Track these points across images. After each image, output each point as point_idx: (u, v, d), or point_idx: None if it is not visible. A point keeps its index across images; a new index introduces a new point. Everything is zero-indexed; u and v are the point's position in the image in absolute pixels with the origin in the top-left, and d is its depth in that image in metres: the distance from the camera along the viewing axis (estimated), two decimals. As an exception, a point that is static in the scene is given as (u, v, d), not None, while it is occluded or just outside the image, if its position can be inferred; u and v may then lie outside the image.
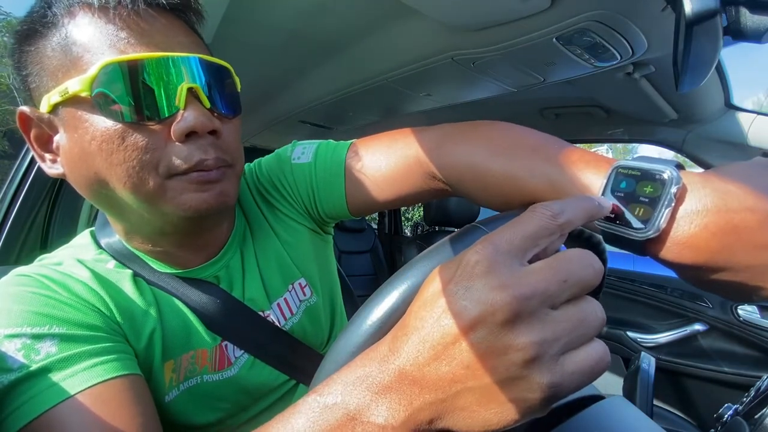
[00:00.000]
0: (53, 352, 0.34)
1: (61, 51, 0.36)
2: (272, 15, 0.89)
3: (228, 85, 0.42)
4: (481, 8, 0.77)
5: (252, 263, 0.51)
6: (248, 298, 0.50)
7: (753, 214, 0.23)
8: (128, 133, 0.35)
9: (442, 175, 0.42)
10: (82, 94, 0.34)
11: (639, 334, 1.54)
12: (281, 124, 1.82)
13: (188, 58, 0.37)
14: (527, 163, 0.34)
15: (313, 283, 0.55)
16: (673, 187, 0.25)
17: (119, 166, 0.35)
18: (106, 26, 0.35)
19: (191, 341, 0.45)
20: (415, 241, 2.25)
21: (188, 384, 0.45)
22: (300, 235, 0.54)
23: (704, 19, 0.37)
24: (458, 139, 0.41)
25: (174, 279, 0.45)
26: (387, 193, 0.47)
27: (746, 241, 0.23)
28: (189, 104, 0.37)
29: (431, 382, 0.21)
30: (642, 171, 0.27)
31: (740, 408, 0.58)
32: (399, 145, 0.46)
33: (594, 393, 0.40)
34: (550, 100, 1.29)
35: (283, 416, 0.24)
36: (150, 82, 0.35)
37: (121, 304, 0.41)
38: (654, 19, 0.73)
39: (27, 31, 0.37)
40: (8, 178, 1.03)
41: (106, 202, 0.39)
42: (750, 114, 1.06)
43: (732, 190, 0.24)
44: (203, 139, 0.38)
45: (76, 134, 0.36)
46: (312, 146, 0.53)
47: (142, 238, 0.44)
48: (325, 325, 0.56)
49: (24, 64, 0.38)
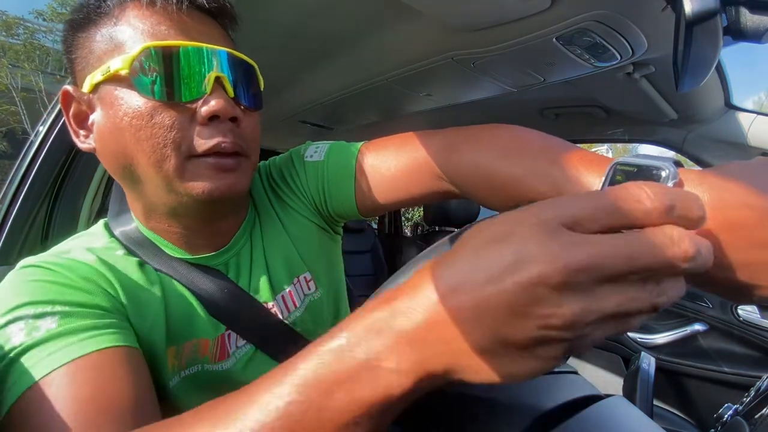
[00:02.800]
0: (53, 327, 0.35)
1: (109, 37, 0.40)
2: (272, 15, 0.89)
3: (251, 80, 0.46)
4: (481, 8, 0.77)
5: (260, 254, 0.52)
6: (253, 288, 0.50)
7: (751, 211, 0.23)
8: (157, 112, 0.39)
9: (450, 178, 0.44)
10: (122, 72, 0.38)
11: (639, 334, 1.54)
12: (281, 124, 1.82)
13: (218, 50, 0.41)
14: (532, 165, 0.35)
15: (318, 277, 0.56)
16: (669, 183, 0.25)
17: (146, 142, 0.39)
18: (151, 18, 0.40)
19: (194, 330, 0.46)
20: (415, 241, 2.25)
21: (190, 371, 0.46)
22: (308, 230, 0.55)
23: (704, 19, 0.37)
24: (466, 142, 0.43)
25: (183, 265, 0.47)
26: (396, 194, 0.49)
27: (744, 238, 0.23)
28: (215, 91, 0.40)
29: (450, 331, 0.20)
30: (639, 167, 0.27)
31: (740, 408, 0.58)
32: (408, 148, 0.48)
33: (594, 393, 0.40)
34: (550, 100, 1.29)
35: (287, 361, 0.24)
36: (182, 68, 0.39)
37: (126, 286, 0.42)
38: (654, 19, 0.73)
39: (82, 19, 0.42)
40: (8, 178, 1.03)
41: (130, 178, 0.42)
42: (750, 114, 1.06)
43: (730, 187, 0.24)
44: (224, 124, 0.41)
45: (111, 111, 0.40)
46: (325, 146, 0.55)
47: (159, 217, 0.46)
48: (328, 322, 0.57)
49: (74, 48, 0.43)
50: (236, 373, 0.48)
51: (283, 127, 1.88)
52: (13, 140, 9.22)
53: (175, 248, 0.47)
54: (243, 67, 0.44)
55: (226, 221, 0.49)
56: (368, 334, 0.22)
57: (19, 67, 9.97)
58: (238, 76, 0.43)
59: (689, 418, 1.42)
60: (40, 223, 1.01)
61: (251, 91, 0.45)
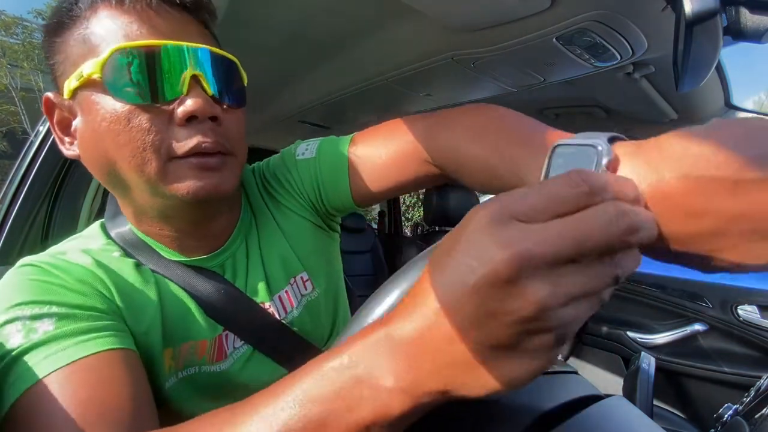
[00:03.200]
0: (50, 329, 0.35)
1: (82, 41, 0.39)
2: (272, 15, 0.89)
3: (233, 77, 0.44)
4: (481, 8, 0.77)
5: (256, 255, 0.52)
6: (250, 289, 0.50)
7: (685, 180, 0.22)
8: (134, 115, 0.38)
9: (435, 161, 0.44)
10: (94, 76, 0.37)
11: (639, 334, 1.54)
12: (281, 124, 1.82)
13: (194, 47, 0.39)
14: (496, 146, 0.35)
15: (315, 277, 0.56)
16: (603, 159, 0.24)
17: (125, 147, 0.38)
18: (122, 18, 0.39)
19: (191, 331, 0.46)
20: (415, 241, 2.25)
21: (187, 372, 0.46)
22: (304, 228, 0.56)
23: (704, 19, 0.37)
24: (444, 125, 0.43)
25: (180, 267, 0.47)
26: (388, 181, 0.50)
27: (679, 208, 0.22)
28: (191, 90, 0.39)
29: (439, 345, 0.20)
30: (576, 147, 0.26)
31: (740, 408, 0.58)
32: (397, 135, 0.49)
33: (594, 393, 0.40)
34: (550, 100, 1.29)
35: (289, 376, 0.24)
36: (156, 68, 0.38)
37: (123, 289, 0.42)
38: (654, 19, 0.73)
39: (56, 24, 0.41)
40: (8, 178, 1.03)
41: (115, 183, 0.42)
42: (750, 114, 1.06)
43: (666, 156, 0.23)
44: (203, 123, 0.40)
45: (90, 116, 0.39)
46: (315, 143, 0.55)
47: (150, 221, 0.45)
48: (326, 321, 0.57)
49: (51, 54, 0.41)
50: (233, 374, 0.48)
51: (283, 127, 1.88)
52: (13, 140, 9.22)
53: (169, 251, 0.47)
54: (223, 63, 0.42)
55: (218, 222, 0.49)
56: (368, 353, 0.22)
57: (18, 67, 9.96)
58: (217, 73, 0.41)
59: (689, 418, 1.42)
60: (40, 223, 1.01)
61: (233, 88, 0.44)
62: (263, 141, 2.17)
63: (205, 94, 0.40)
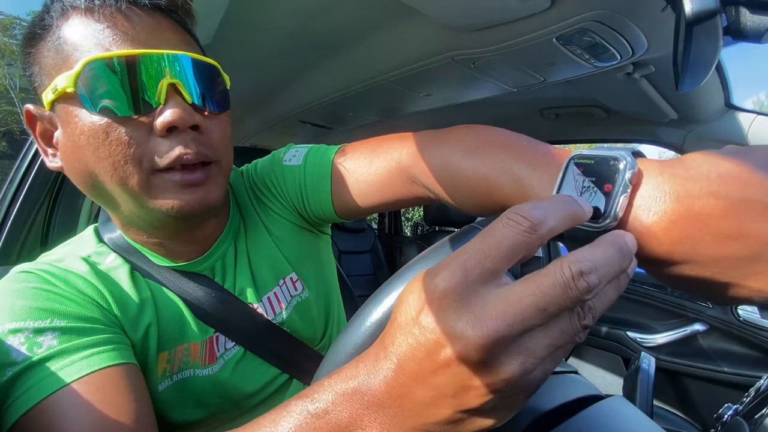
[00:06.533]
0: (54, 344, 0.35)
1: (54, 51, 0.38)
2: (272, 15, 0.89)
3: (214, 81, 0.42)
4: (481, 8, 0.77)
5: (243, 257, 0.52)
6: (238, 291, 0.51)
7: (716, 201, 0.21)
8: (112, 128, 0.36)
9: (421, 181, 0.43)
10: (68, 90, 0.36)
11: (639, 334, 1.54)
12: (281, 124, 1.82)
13: (170, 54, 0.38)
14: (495, 161, 0.34)
15: (305, 278, 0.56)
16: (627, 173, 0.23)
17: (105, 160, 0.37)
18: (93, 26, 0.37)
19: (185, 334, 0.46)
20: (415, 241, 2.25)
21: (181, 375, 0.46)
22: (291, 231, 0.56)
23: (704, 19, 0.37)
24: (432, 144, 0.42)
25: (170, 272, 0.47)
26: (371, 198, 0.48)
27: (709, 230, 0.21)
28: (170, 99, 0.38)
29: (417, 407, 0.21)
30: (596, 159, 0.26)
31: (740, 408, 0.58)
32: (382, 151, 0.47)
33: (594, 393, 0.40)
34: (550, 100, 1.29)
35: (272, 415, 0.24)
36: (131, 78, 0.36)
37: (119, 297, 0.43)
38: (654, 19, 0.73)
39: (29, 34, 0.40)
40: (8, 178, 1.03)
41: (99, 194, 0.41)
42: (750, 114, 1.06)
43: (693, 175, 0.22)
44: (185, 133, 0.39)
45: (68, 129, 0.38)
46: (303, 150, 0.55)
47: (137, 230, 0.45)
48: (317, 321, 0.57)
49: (28, 65, 0.40)
50: (224, 379, 0.48)
51: (282, 127, 1.88)
52: (12, 140, 9.22)
53: (158, 257, 0.47)
54: (201, 68, 0.40)
55: (206, 228, 0.49)
56: (345, 399, 0.22)
57: (17, 67, 9.97)
58: (197, 79, 0.40)
59: (689, 418, 1.42)
60: (40, 223, 1.01)
61: (214, 93, 0.42)
62: (263, 141, 2.17)
63: (185, 103, 0.38)
